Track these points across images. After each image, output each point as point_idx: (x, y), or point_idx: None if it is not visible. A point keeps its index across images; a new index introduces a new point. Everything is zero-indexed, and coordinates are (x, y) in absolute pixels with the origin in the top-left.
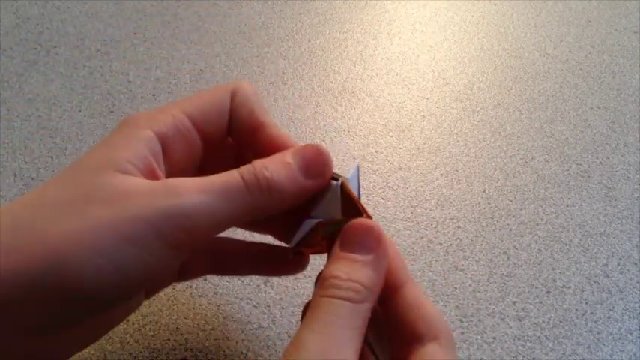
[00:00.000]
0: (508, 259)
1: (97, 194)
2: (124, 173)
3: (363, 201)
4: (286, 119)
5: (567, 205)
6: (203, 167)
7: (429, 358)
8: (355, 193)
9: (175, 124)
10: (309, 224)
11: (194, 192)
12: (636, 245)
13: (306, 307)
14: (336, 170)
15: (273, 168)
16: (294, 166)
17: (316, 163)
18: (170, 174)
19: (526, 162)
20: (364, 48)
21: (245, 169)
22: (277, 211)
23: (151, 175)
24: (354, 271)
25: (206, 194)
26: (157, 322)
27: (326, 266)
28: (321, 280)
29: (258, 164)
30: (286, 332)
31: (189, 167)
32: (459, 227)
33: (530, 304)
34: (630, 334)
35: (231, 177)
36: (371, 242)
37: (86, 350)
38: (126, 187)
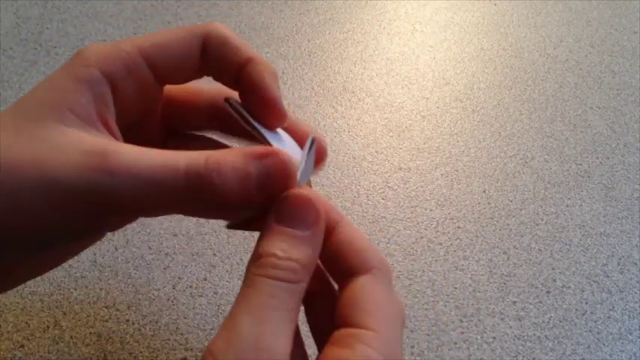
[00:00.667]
0: (508, 259)
1: (31, 147)
2: (63, 124)
3: (363, 201)
4: None
5: (567, 205)
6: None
7: (359, 290)
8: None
9: (126, 63)
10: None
11: (126, 173)
12: (636, 245)
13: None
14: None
15: (226, 173)
16: (253, 177)
17: (277, 181)
18: (121, 115)
19: (526, 162)
20: (364, 48)
21: (194, 165)
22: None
23: (95, 123)
24: (291, 248)
25: (139, 179)
26: (156, 322)
27: (261, 240)
28: (255, 256)
29: (212, 164)
30: None
31: (144, 107)
32: (459, 227)
33: (530, 304)
34: (630, 334)
35: (173, 170)
36: (310, 216)
37: (86, 350)
38: (60, 147)
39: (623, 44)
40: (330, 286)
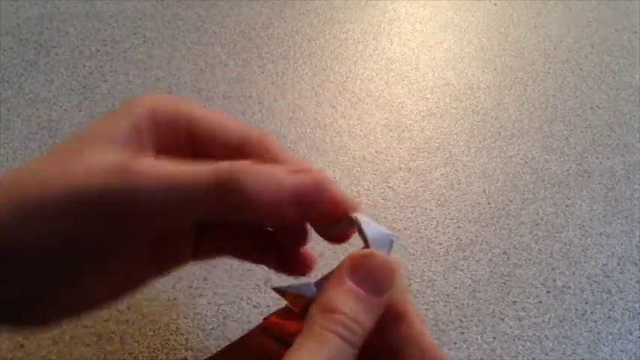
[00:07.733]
0: (508, 259)
1: (63, 166)
2: (100, 148)
3: (363, 201)
4: (286, 119)
5: (567, 205)
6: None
7: None
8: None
9: (177, 119)
10: (306, 288)
11: (152, 177)
12: (636, 245)
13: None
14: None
15: (254, 174)
16: (285, 185)
17: (311, 194)
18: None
19: (526, 162)
20: (364, 48)
21: (221, 165)
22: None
23: (132, 148)
24: (359, 310)
25: (159, 179)
26: (156, 322)
27: (330, 291)
28: (326, 307)
29: (239, 165)
30: None
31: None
32: (459, 227)
33: (530, 304)
34: (630, 334)
35: (196, 170)
36: (385, 284)
37: (86, 350)
38: (90, 163)
39: (623, 44)
40: None
